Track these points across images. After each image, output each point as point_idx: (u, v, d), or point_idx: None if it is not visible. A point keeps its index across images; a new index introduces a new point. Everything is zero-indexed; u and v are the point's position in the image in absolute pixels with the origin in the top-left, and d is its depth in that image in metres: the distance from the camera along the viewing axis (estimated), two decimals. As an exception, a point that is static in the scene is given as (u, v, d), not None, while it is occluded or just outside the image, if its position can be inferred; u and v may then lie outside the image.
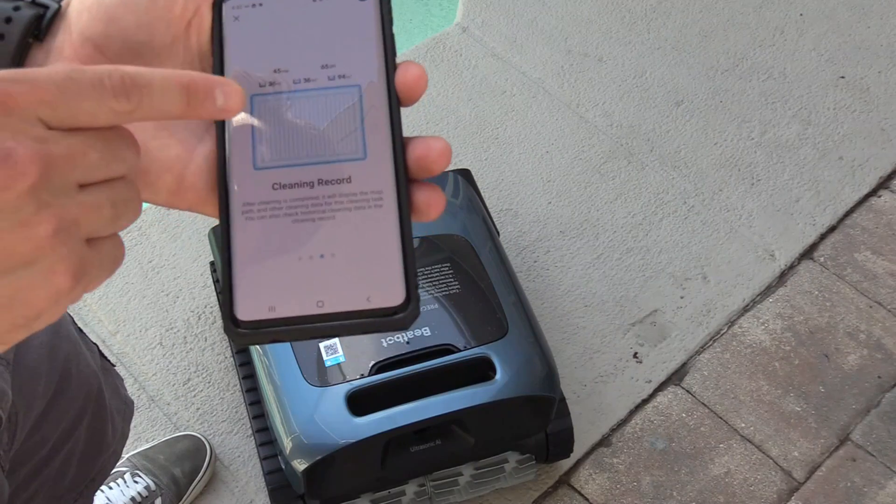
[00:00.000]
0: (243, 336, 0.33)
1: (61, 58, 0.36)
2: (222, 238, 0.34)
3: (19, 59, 0.35)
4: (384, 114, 0.34)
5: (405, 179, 0.34)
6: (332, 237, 0.33)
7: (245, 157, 0.34)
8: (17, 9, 0.35)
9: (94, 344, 0.87)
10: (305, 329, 0.33)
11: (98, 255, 0.31)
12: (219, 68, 0.35)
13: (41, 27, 0.35)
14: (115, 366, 0.92)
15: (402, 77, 0.35)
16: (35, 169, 0.28)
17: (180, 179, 0.35)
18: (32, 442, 0.74)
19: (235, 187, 0.34)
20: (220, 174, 0.34)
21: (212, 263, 1.52)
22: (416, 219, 0.34)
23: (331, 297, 0.33)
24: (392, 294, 0.33)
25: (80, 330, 0.83)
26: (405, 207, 0.34)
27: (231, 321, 0.33)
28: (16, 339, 0.31)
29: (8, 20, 0.35)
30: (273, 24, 0.35)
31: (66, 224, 0.29)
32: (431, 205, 0.34)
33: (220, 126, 0.35)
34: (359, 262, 0.33)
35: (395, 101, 0.35)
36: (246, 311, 0.33)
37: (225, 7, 0.36)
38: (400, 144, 0.34)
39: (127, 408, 0.92)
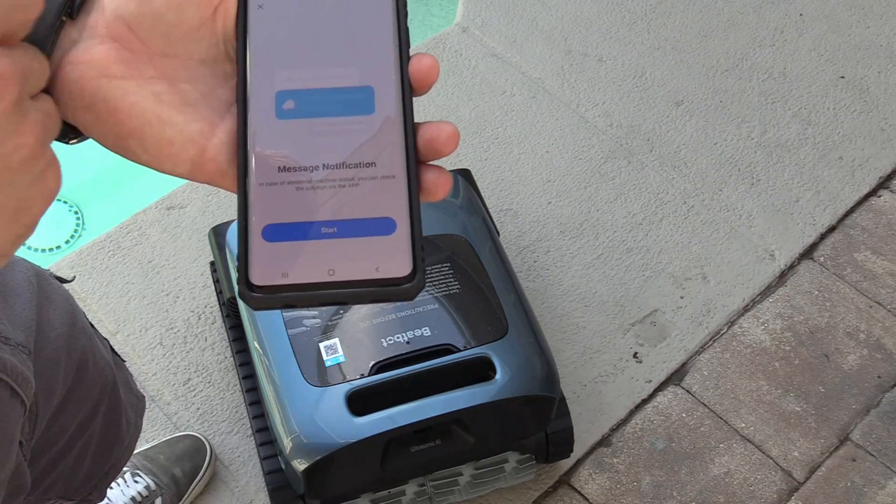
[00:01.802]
0: (257, 300, 0.35)
1: (94, 35, 0.37)
2: (239, 207, 0.36)
3: (53, 35, 0.37)
4: (398, 100, 0.37)
5: (415, 160, 0.37)
6: (345, 210, 0.36)
7: (264, 134, 0.37)
8: None
9: (105, 339, 0.87)
10: (316, 295, 0.35)
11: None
12: (242, 53, 0.37)
13: (74, 5, 0.37)
14: (124, 362, 0.92)
15: (415, 66, 0.37)
16: (18, 79, 0.31)
17: (202, 152, 0.37)
18: (51, 432, 0.74)
19: (254, 160, 0.36)
20: (240, 147, 0.37)
21: (212, 263, 1.52)
22: (423, 198, 0.37)
23: (341, 266, 0.35)
24: (400, 265, 0.36)
25: (92, 325, 0.84)
26: (414, 186, 0.36)
27: (246, 286, 0.35)
28: (16, 248, 0.35)
29: None
30: (295, 12, 0.38)
31: (44, 129, 0.33)
32: (439, 185, 0.37)
33: (242, 104, 0.37)
34: (369, 234, 0.36)
35: (409, 89, 0.37)
36: (260, 276, 0.35)
37: None
38: (411, 127, 0.37)
39: (139, 402, 0.93)
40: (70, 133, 0.39)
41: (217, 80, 0.38)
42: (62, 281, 0.80)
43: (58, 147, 0.41)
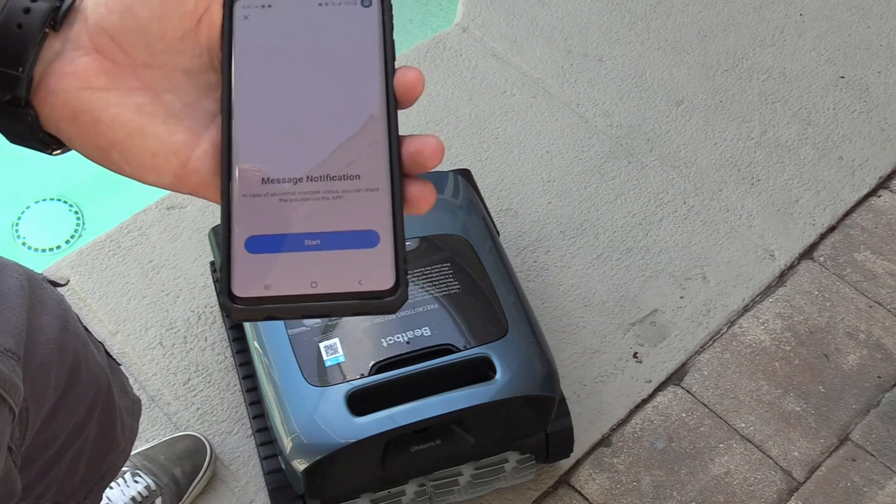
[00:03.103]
0: (239, 311, 0.35)
1: (78, 46, 0.37)
2: (223, 218, 0.36)
3: (37, 47, 0.37)
4: (382, 112, 0.37)
5: (399, 174, 0.36)
6: (328, 223, 0.36)
7: (248, 145, 0.36)
8: (35, 0, 0.37)
9: (101, 342, 0.87)
10: (298, 308, 0.35)
11: None
12: (227, 64, 0.37)
13: (58, 17, 0.37)
14: (120, 365, 0.92)
15: (400, 80, 0.37)
16: None
17: (185, 163, 0.37)
18: (43, 438, 0.74)
19: (237, 172, 0.36)
20: (223, 159, 0.36)
21: (212, 263, 1.52)
22: (407, 211, 0.37)
23: (324, 279, 0.35)
24: (382, 278, 0.35)
25: (87, 328, 0.83)
26: (398, 199, 0.36)
27: (228, 297, 0.35)
28: None
29: (27, 11, 0.37)
30: (281, 25, 0.38)
31: None
32: (423, 198, 0.37)
33: (227, 115, 0.37)
34: (352, 247, 0.36)
35: (394, 102, 0.37)
36: (243, 288, 0.35)
37: (236, 6, 0.38)
38: (396, 141, 0.36)
39: (135, 405, 0.92)
40: (53, 144, 0.38)
41: (201, 90, 0.38)
42: (55, 285, 0.80)
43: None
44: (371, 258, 0.35)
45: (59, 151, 0.39)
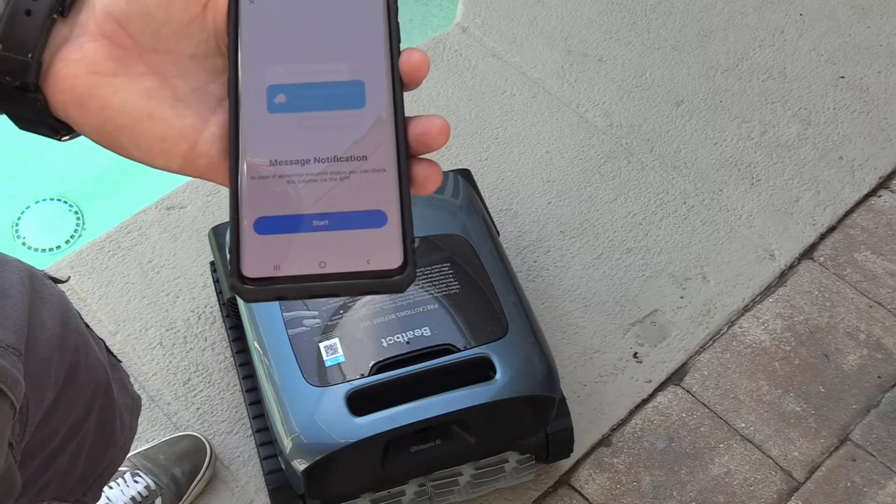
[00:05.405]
0: (249, 292, 0.36)
1: (85, 32, 0.37)
2: (231, 200, 0.36)
3: (45, 33, 0.37)
4: (388, 94, 0.37)
5: (406, 154, 0.37)
6: (336, 203, 0.36)
7: (255, 127, 0.37)
8: None
9: (101, 339, 0.87)
10: (307, 287, 0.36)
11: None
12: (233, 48, 0.38)
13: (65, 4, 0.37)
14: (120, 362, 0.92)
15: (405, 61, 0.38)
16: None
17: (194, 146, 0.37)
18: (42, 434, 0.74)
19: (245, 154, 0.37)
20: (231, 141, 0.37)
21: (212, 263, 1.52)
22: (414, 191, 0.37)
23: (332, 258, 0.36)
24: (390, 258, 0.36)
25: (87, 325, 0.84)
26: (405, 179, 0.37)
27: (238, 278, 0.36)
28: None
29: None
30: (287, 7, 0.38)
31: None
32: (429, 178, 0.37)
33: (234, 98, 0.37)
34: (360, 227, 0.36)
35: (399, 84, 0.38)
36: (252, 268, 0.36)
37: None
38: (402, 121, 0.37)
39: (134, 403, 0.92)
40: (62, 130, 0.39)
41: (208, 74, 0.38)
42: (56, 281, 0.80)
43: (57, 147, 0.41)
44: (379, 238, 0.36)
45: (67, 137, 0.40)
